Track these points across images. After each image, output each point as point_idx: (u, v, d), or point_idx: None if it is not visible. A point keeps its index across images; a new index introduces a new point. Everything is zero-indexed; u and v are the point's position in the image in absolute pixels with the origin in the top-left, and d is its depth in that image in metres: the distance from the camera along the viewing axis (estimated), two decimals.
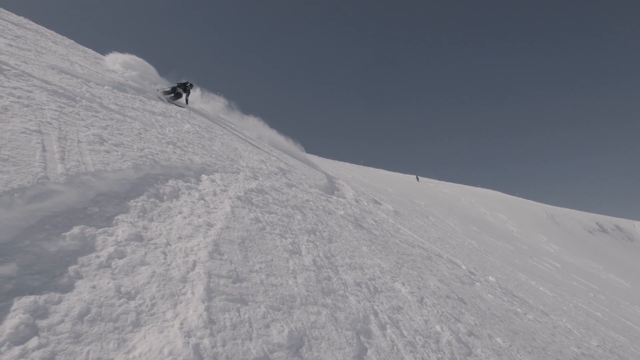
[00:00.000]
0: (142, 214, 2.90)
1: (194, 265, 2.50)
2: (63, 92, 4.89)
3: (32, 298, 1.71)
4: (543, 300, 7.43)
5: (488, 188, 50.11)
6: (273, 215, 4.40)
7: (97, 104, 5.21)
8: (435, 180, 45.95)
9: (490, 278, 7.26)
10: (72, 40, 11.40)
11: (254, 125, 14.92)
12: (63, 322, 1.67)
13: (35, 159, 2.76)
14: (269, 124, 15.79)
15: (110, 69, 9.90)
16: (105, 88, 6.79)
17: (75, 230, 2.29)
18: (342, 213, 6.68)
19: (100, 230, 2.44)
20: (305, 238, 4.20)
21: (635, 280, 22.34)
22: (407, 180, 35.76)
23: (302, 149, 16.62)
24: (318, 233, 4.69)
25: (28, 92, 4.22)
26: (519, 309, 5.73)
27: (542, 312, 6.29)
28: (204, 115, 10.52)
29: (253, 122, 15.47)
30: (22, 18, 10.09)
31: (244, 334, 2.09)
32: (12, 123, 3.18)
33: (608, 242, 41.51)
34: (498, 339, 3.96)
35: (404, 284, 4.25)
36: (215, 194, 4.13)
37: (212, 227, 3.23)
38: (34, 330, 1.57)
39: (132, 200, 3.03)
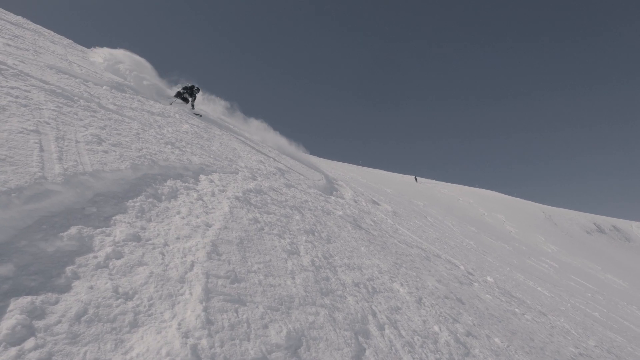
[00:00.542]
0: (140, 215, 2.89)
1: (192, 266, 2.50)
2: (61, 91, 4.87)
3: (29, 298, 1.70)
4: (541, 301, 7.44)
5: (486, 188, 50.24)
6: (271, 216, 4.40)
7: (95, 104, 5.19)
8: (434, 181, 46.02)
9: (489, 278, 7.27)
10: (70, 40, 11.38)
11: (257, 129, 14.80)
12: (60, 322, 1.66)
13: (33, 159, 2.75)
14: (267, 124, 15.71)
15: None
16: (104, 88, 6.77)
17: (73, 231, 2.29)
18: (340, 213, 6.68)
19: (98, 231, 2.43)
20: (304, 238, 4.20)
21: (633, 281, 22.41)
22: (405, 181, 35.79)
23: (305, 151, 16.54)
24: (316, 233, 4.68)
25: (26, 91, 4.21)
26: (517, 309, 5.74)
27: (540, 312, 6.30)
28: (209, 120, 10.39)
29: (256, 125, 15.33)
30: (20, 17, 10.06)
31: (242, 335, 2.09)
32: (9, 123, 3.18)
33: (606, 242, 41.64)
34: (496, 339, 3.97)
35: (403, 285, 4.25)
36: (214, 195, 4.12)
37: (210, 227, 3.22)
38: (31, 331, 1.57)
39: (130, 201, 3.03)
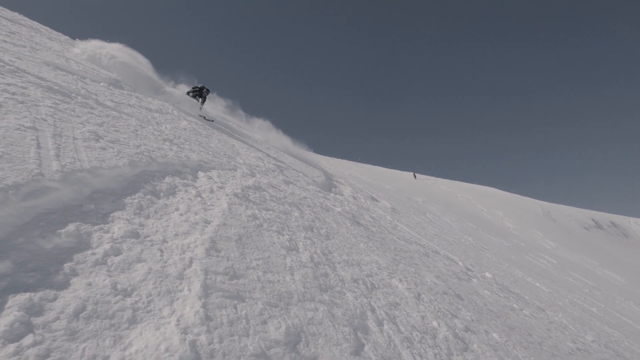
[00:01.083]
0: (138, 211, 2.88)
1: (191, 262, 2.50)
2: (58, 88, 4.85)
3: (27, 295, 1.70)
4: (539, 296, 7.47)
5: (485, 185, 50.27)
6: (270, 212, 4.39)
7: (92, 101, 5.17)
8: (433, 177, 46.01)
9: (487, 274, 7.29)
10: (67, 37, 11.31)
11: (259, 128, 14.71)
12: (58, 319, 1.66)
13: (30, 156, 2.74)
14: (270, 122, 15.66)
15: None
16: (102, 85, 6.74)
17: (71, 228, 2.28)
18: (339, 210, 6.68)
19: (96, 228, 2.42)
20: (303, 235, 4.20)
21: (631, 276, 22.53)
22: (404, 178, 35.79)
23: (308, 149, 16.49)
24: (315, 230, 4.69)
25: (23, 88, 4.18)
26: (515, 305, 5.76)
27: (538, 307, 6.33)
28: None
29: (259, 123, 15.22)
30: (16, 14, 9.99)
31: (241, 331, 2.09)
32: (6, 120, 3.16)
33: (604, 238, 41.80)
34: (494, 335, 3.98)
35: (401, 281, 4.26)
36: (212, 191, 4.12)
37: (209, 224, 3.22)
38: (29, 328, 1.56)
39: (128, 197, 3.02)
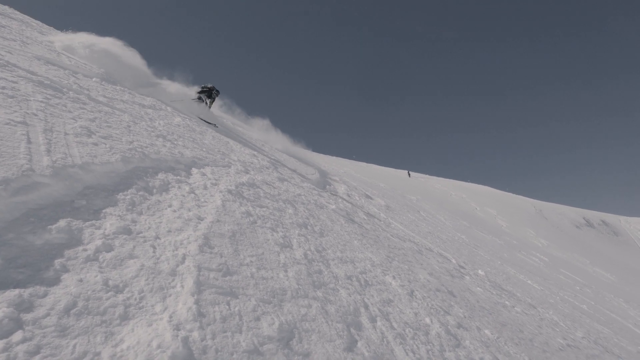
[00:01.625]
0: (130, 207, 2.86)
1: (184, 259, 2.48)
2: (49, 83, 4.78)
3: (16, 291, 1.68)
4: (531, 293, 7.56)
5: (478, 183, 50.63)
6: (264, 209, 4.38)
7: (84, 96, 5.11)
8: (427, 176, 46.20)
9: (480, 272, 7.36)
10: (58, 32, 11.13)
11: (258, 127, 14.64)
12: (49, 315, 1.64)
13: (20, 151, 2.70)
14: (268, 120, 15.64)
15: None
16: (94, 80, 6.66)
17: (62, 223, 2.26)
18: (333, 207, 6.69)
19: (88, 224, 2.40)
20: (297, 232, 4.20)
21: (620, 274, 22.87)
22: (398, 176, 35.90)
23: (306, 148, 16.49)
24: (309, 227, 4.69)
25: (13, 82, 4.12)
26: (507, 302, 5.83)
27: (529, 304, 6.41)
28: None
29: (257, 122, 15.14)
30: (6, 7, 9.83)
31: (234, 327, 2.09)
32: None
33: (594, 236, 42.32)
34: (486, 331, 4.02)
35: (395, 278, 4.29)
36: (206, 188, 4.10)
37: (202, 220, 3.20)
38: (19, 324, 1.55)
39: (120, 194, 2.99)
